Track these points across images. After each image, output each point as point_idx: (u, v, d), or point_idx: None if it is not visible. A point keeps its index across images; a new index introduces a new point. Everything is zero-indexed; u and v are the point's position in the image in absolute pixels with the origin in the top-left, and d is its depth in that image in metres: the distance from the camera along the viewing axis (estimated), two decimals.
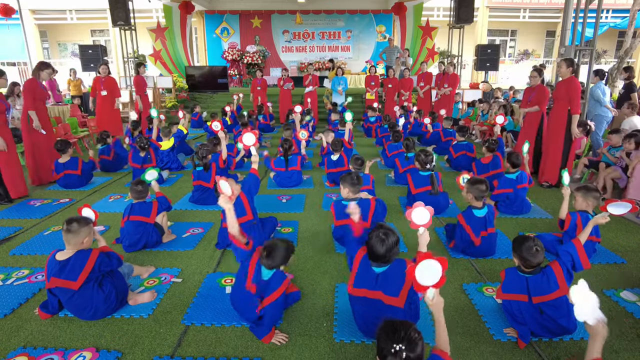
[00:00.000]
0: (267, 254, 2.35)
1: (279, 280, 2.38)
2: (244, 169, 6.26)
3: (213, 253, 3.48)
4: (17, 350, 2.28)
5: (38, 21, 17.27)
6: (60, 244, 3.59)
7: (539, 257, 2.30)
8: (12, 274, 3.11)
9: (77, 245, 2.46)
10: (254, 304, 2.36)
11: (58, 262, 2.43)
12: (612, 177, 4.83)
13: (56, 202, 4.80)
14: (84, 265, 2.41)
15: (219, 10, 15.67)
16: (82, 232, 2.47)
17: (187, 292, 2.87)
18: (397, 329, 1.50)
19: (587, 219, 3.19)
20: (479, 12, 16.10)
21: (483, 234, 3.33)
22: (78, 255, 2.44)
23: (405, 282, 2.20)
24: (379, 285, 2.23)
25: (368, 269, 2.29)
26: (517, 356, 2.25)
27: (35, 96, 5.30)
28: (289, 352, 2.28)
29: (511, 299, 2.37)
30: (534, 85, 5.69)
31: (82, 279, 2.40)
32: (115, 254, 2.62)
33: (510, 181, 4.27)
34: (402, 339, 1.46)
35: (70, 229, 2.44)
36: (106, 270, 2.52)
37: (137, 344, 2.34)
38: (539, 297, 2.29)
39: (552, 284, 2.29)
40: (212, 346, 2.33)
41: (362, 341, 2.35)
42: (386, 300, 2.21)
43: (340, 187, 3.50)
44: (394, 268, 2.25)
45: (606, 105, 6.34)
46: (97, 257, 2.45)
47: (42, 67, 5.34)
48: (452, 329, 2.45)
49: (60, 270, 2.41)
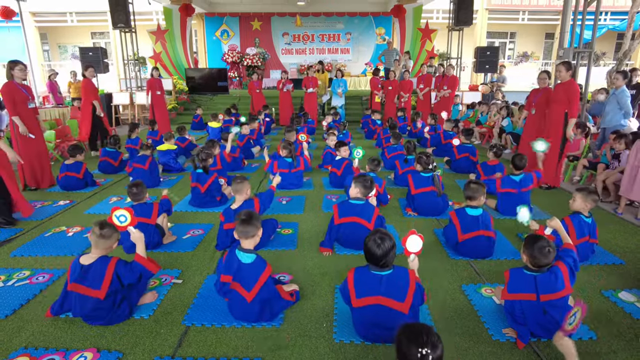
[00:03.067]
0: (242, 221, 2.51)
1: (261, 263, 2.51)
2: (245, 170, 6.30)
3: (213, 254, 3.50)
4: (18, 351, 2.29)
5: (38, 23, 17.32)
6: (61, 246, 3.65)
7: (550, 258, 2.32)
8: (13, 275, 3.12)
9: (104, 250, 2.48)
10: (250, 306, 2.45)
11: (81, 266, 2.44)
12: (613, 181, 4.85)
13: (56, 204, 4.81)
14: (104, 272, 2.42)
15: (218, 13, 15.72)
16: (113, 238, 2.48)
17: (187, 293, 2.88)
18: (419, 332, 1.48)
19: (579, 221, 3.21)
20: (478, 15, 16.17)
21: (475, 234, 3.34)
22: (100, 261, 2.45)
23: (409, 287, 2.24)
24: (384, 290, 2.25)
25: (367, 275, 2.31)
26: (516, 356, 2.26)
27: (16, 99, 4.98)
28: (289, 352, 2.29)
29: (517, 299, 2.37)
30: (541, 87, 5.66)
31: (105, 288, 2.40)
32: (139, 267, 2.55)
33: (514, 182, 4.29)
34: (427, 343, 1.44)
35: (103, 233, 2.44)
36: (128, 282, 2.50)
37: (137, 345, 2.35)
38: (547, 295, 2.30)
39: (559, 282, 2.32)
40: (212, 347, 2.34)
41: (362, 341, 2.36)
42: (392, 305, 2.23)
43: (352, 186, 3.57)
44: (397, 273, 2.29)
45: (629, 118, 5.85)
46: (115, 265, 2.45)
47: (12, 65, 4.96)
48: (451, 330, 2.49)
49: (82, 277, 2.42)
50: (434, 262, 3.35)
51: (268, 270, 2.52)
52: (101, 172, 6.17)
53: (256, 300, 2.47)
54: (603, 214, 4.48)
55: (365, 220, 3.45)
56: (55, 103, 10.50)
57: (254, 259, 2.51)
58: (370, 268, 2.31)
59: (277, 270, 3.17)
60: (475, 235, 3.35)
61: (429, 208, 4.32)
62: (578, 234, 3.20)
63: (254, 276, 2.47)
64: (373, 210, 3.51)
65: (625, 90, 5.73)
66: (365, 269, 2.33)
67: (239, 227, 2.51)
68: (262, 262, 2.52)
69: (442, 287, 2.97)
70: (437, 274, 3.16)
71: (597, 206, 4.26)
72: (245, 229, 2.50)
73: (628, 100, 5.75)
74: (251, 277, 2.47)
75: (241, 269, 2.49)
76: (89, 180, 5.47)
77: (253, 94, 11.03)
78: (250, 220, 2.51)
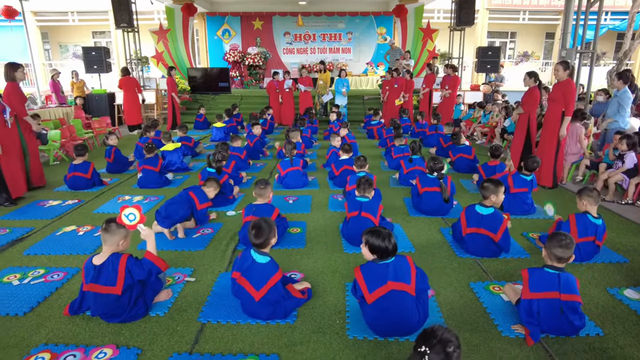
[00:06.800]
0: (255, 233, 2.56)
1: (274, 266, 2.58)
2: (251, 170, 6.35)
3: (224, 253, 3.55)
4: (39, 347, 2.34)
5: (40, 23, 17.32)
6: (73, 245, 3.70)
7: (569, 251, 2.41)
8: (28, 273, 3.17)
9: (112, 245, 2.51)
10: (258, 305, 2.53)
11: (94, 266, 2.48)
12: (615, 181, 4.91)
13: (65, 203, 4.86)
14: (117, 268, 2.46)
15: (220, 12, 15.75)
16: (119, 233, 2.52)
17: (201, 291, 2.93)
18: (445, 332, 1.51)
19: (584, 221, 3.27)
20: (479, 14, 16.20)
21: (476, 230, 3.40)
22: (112, 258, 2.49)
23: (412, 270, 2.41)
24: (392, 276, 2.35)
25: (375, 267, 2.40)
26: (526, 352, 2.31)
27: (22, 100, 5.15)
28: (304, 348, 2.35)
29: (540, 298, 2.41)
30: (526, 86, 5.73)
31: (120, 283, 2.45)
32: (149, 264, 2.58)
33: (525, 182, 4.36)
34: (453, 342, 1.49)
35: (108, 228, 2.50)
36: (138, 279, 2.54)
37: (155, 341, 2.41)
38: (569, 295, 2.36)
39: (576, 288, 2.41)
40: (229, 343, 2.39)
41: (375, 337, 2.42)
42: (402, 287, 2.34)
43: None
44: (399, 260, 2.43)
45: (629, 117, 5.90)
46: (127, 261, 2.49)
47: (15, 67, 5.02)
48: (461, 326, 2.54)
49: (97, 276, 2.46)
50: (442, 260, 3.41)
51: (279, 274, 2.58)
52: (107, 172, 6.23)
53: (264, 301, 2.53)
54: (607, 213, 4.53)
55: (371, 214, 3.59)
56: (58, 102, 10.52)
57: (268, 261, 2.57)
58: (375, 261, 2.41)
59: (288, 269, 3.23)
60: (477, 232, 3.41)
61: (435, 208, 4.38)
62: (580, 232, 3.27)
63: (264, 277, 2.53)
64: (377, 207, 3.67)
65: (627, 91, 5.76)
66: (370, 263, 2.43)
67: (251, 236, 2.57)
68: (274, 266, 2.58)
69: (450, 285, 3.02)
70: (445, 272, 3.22)
71: (600, 206, 4.35)
72: (257, 239, 2.57)
73: (630, 101, 5.80)
74: (262, 277, 2.53)
75: (253, 267, 2.55)
76: (97, 180, 5.51)
77: (272, 93, 11.01)
78: (261, 230, 2.57)
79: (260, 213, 3.48)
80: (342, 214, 4.36)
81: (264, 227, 2.58)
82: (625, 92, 5.74)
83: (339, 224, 4.15)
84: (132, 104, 10.13)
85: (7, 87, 5.04)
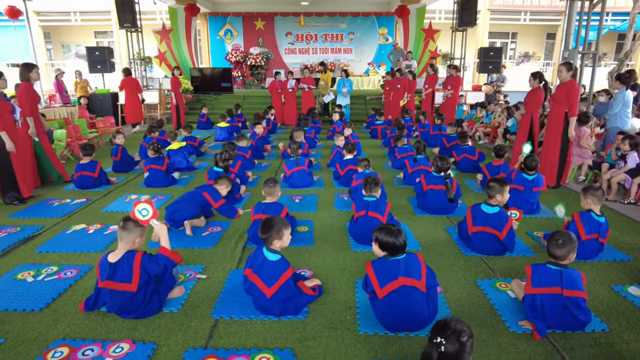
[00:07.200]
0: (262, 227, 2.62)
1: (285, 264, 2.64)
2: (256, 169, 6.40)
3: (234, 250, 3.60)
4: (57, 342, 2.39)
5: (42, 23, 17.37)
6: (84, 243, 3.75)
7: (563, 250, 2.47)
8: (42, 270, 3.22)
9: (128, 243, 2.56)
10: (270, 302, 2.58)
11: (109, 264, 2.52)
12: (617, 181, 4.97)
13: (74, 201, 4.91)
14: (132, 265, 2.50)
15: (222, 12, 15.80)
16: (136, 231, 2.56)
17: (212, 288, 2.99)
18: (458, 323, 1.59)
19: (589, 218, 3.33)
20: (481, 15, 16.25)
21: (481, 229, 3.45)
22: (127, 255, 2.53)
23: (422, 267, 2.46)
24: (403, 271, 2.41)
25: (386, 263, 2.46)
26: (533, 347, 2.37)
27: (33, 101, 5.17)
28: (317, 343, 2.40)
29: (542, 293, 2.47)
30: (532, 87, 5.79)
31: (136, 280, 2.49)
32: (164, 259, 2.63)
33: (526, 180, 4.41)
34: (466, 332, 1.57)
35: (125, 226, 2.54)
36: (154, 274, 2.59)
37: (170, 337, 2.46)
38: (571, 291, 2.41)
39: (581, 284, 2.46)
40: (242, 338, 2.44)
41: (386, 333, 2.47)
42: (413, 283, 2.39)
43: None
44: (410, 257, 2.49)
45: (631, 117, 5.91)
46: (142, 257, 2.54)
47: (30, 68, 5.03)
48: (469, 322, 2.54)
49: (112, 273, 2.50)
50: (449, 258, 3.46)
51: (289, 271, 2.64)
52: (114, 171, 6.28)
53: (275, 297, 2.58)
54: (610, 213, 4.58)
55: (379, 214, 3.63)
56: (62, 102, 10.58)
57: (279, 259, 2.63)
58: (386, 257, 2.47)
59: (297, 266, 3.28)
60: (482, 230, 3.46)
61: (439, 206, 4.43)
62: (587, 230, 3.34)
63: (276, 274, 2.58)
64: (385, 206, 3.70)
65: (624, 92, 5.80)
66: (382, 259, 2.49)
67: (260, 232, 2.64)
68: (285, 263, 2.64)
69: (458, 282, 3.08)
70: (452, 269, 3.27)
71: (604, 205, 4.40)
72: (266, 234, 2.62)
73: (630, 102, 5.86)
74: (273, 274, 2.58)
75: (264, 264, 2.61)
76: (104, 179, 5.56)
77: (275, 94, 11.04)
78: (270, 226, 2.62)
79: (269, 211, 3.53)
80: (348, 213, 4.41)
81: (272, 224, 2.63)
82: (622, 93, 5.79)
83: (346, 223, 4.20)
84: (133, 103, 10.34)
85: (21, 87, 5.13)
